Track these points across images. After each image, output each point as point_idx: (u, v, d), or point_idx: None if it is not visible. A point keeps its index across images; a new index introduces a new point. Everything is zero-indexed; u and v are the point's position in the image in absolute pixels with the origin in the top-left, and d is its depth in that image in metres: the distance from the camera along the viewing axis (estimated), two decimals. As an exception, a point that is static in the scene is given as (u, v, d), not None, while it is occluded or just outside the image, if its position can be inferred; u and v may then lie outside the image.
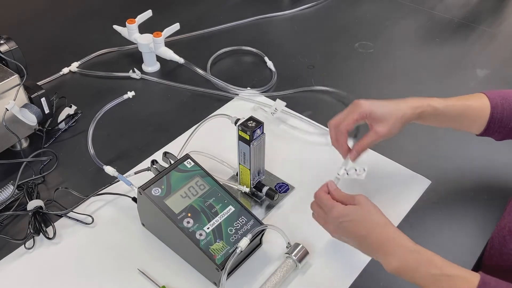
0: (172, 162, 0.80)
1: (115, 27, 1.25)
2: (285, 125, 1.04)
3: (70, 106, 1.05)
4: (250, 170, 0.83)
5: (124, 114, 1.07)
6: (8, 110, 0.89)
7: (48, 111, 0.98)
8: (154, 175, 0.78)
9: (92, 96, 1.13)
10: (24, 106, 0.93)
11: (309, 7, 1.49)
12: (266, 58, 1.23)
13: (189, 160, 0.80)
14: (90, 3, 1.51)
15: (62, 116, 1.02)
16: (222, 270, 0.69)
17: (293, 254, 0.75)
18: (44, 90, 0.96)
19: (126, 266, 0.77)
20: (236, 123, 0.79)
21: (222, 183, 0.79)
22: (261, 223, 0.76)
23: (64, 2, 1.52)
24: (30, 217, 0.81)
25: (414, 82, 1.20)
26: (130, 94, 0.91)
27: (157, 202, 0.74)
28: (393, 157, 0.97)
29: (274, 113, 1.04)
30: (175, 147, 0.96)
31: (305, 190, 0.90)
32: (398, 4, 1.52)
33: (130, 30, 1.19)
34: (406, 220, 0.85)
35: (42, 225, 0.81)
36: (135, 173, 0.89)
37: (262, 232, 0.77)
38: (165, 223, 0.73)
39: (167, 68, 1.23)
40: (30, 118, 0.93)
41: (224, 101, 1.12)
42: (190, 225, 0.72)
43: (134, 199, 0.83)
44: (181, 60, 1.17)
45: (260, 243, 0.80)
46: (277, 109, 1.05)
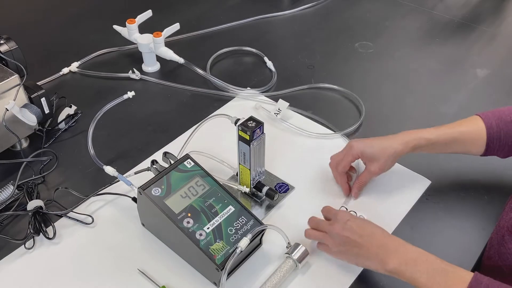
0: (172, 162, 0.80)
1: (115, 27, 1.25)
2: (285, 125, 1.04)
3: (70, 106, 1.05)
4: (250, 170, 0.83)
5: (124, 114, 1.07)
6: (8, 110, 0.89)
7: (48, 111, 0.98)
8: (154, 175, 0.78)
9: (92, 96, 1.13)
10: (24, 106, 0.93)
11: (309, 7, 1.49)
12: (266, 58, 1.23)
13: (189, 160, 0.80)
14: (90, 3, 1.51)
15: (62, 116, 1.02)
16: (222, 270, 0.69)
17: (293, 254, 0.75)
18: (44, 90, 0.96)
19: (126, 266, 0.77)
20: (236, 123, 0.79)
21: (222, 183, 0.79)
22: (261, 223, 0.76)
23: (64, 2, 1.52)
24: (30, 217, 0.81)
25: (414, 82, 1.20)
26: (130, 94, 0.91)
27: (157, 202, 0.74)
28: (393, 157, 0.97)
29: (278, 113, 1.04)
30: (175, 147, 0.96)
31: (305, 190, 0.90)
32: (398, 4, 1.52)
33: (130, 30, 1.19)
34: (406, 220, 0.85)
35: (42, 225, 0.81)
36: (135, 173, 0.89)
37: (262, 232, 0.77)
38: (165, 223, 0.73)
39: (167, 68, 1.23)
40: (30, 118, 0.93)
41: (224, 101, 1.12)
42: (190, 225, 0.72)
43: (134, 199, 0.83)
44: (181, 60, 1.17)
45: (260, 243, 0.80)
46: (280, 109, 1.05)
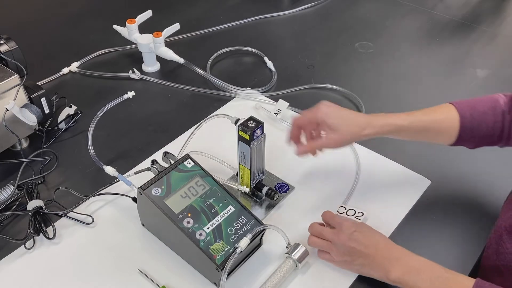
0: (172, 162, 0.80)
1: (115, 27, 1.25)
2: (285, 125, 1.04)
3: (70, 106, 1.05)
4: (250, 170, 0.83)
5: (124, 114, 1.07)
6: (8, 110, 0.89)
7: (48, 111, 0.98)
8: (154, 175, 0.78)
9: (92, 96, 1.13)
10: (24, 106, 0.93)
11: (309, 7, 1.49)
12: (266, 58, 1.23)
13: (189, 160, 0.80)
14: (90, 3, 1.51)
15: (62, 116, 1.02)
16: (222, 270, 0.69)
17: (293, 254, 0.75)
18: (44, 90, 0.96)
19: (126, 266, 0.77)
20: (236, 123, 0.79)
21: (222, 183, 0.79)
22: (261, 223, 0.76)
23: (64, 2, 1.52)
24: (30, 217, 0.81)
25: (414, 82, 1.20)
26: (130, 94, 0.91)
27: (157, 202, 0.74)
28: (393, 157, 0.97)
29: (278, 113, 1.04)
30: (175, 147, 0.96)
31: (305, 190, 0.90)
32: (398, 4, 1.52)
33: (130, 30, 1.19)
34: (406, 220, 0.85)
35: (42, 225, 0.81)
36: (135, 173, 0.89)
37: (262, 232, 0.77)
38: (165, 223, 0.73)
39: (167, 68, 1.23)
40: (30, 118, 0.93)
41: (224, 101, 1.12)
42: (190, 225, 0.72)
43: (134, 199, 0.83)
44: (181, 60, 1.17)
45: (260, 243, 0.80)
46: (280, 109, 1.05)
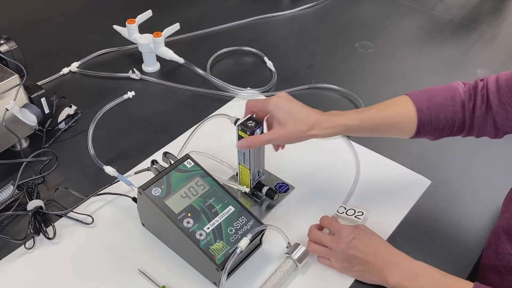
0: (172, 162, 0.80)
1: (115, 27, 1.25)
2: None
3: (70, 106, 1.05)
4: (250, 170, 0.83)
5: (124, 114, 1.07)
6: (8, 110, 0.89)
7: (48, 111, 0.98)
8: (154, 175, 0.78)
9: (92, 96, 1.13)
10: (24, 106, 0.93)
11: (309, 7, 1.49)
12: (266, 58, 1.23)
13: (189, 160, 0.80)
14: (90, 3, 1.51)
15: (62, 116, 1.02)
16: (222, 270, 0.69)
17: (293, 254, 0.75)
18: (44, 90, 0.96)
19: (126, 266, 0.77)
20: (235, 123, 0.79)
21: (222, 183, 0.79)
22: (261, 223, 0.76)
23: (64, 2, 1.52)
24: (30, 217, 0.81)
25: (414, 82, 1.20)
26: (130, 94, 0.91)
27: (157, 202, 0.74)
28: (393, 157, 0.97)
29: None
30: (175, 147, 0.96)
31: (305, 190, 0.90)
32: (398, 4, 1.52)
33: (130, 30, 1.19)
34: (406, 220, 0.85)
35: (42, 225, 0.81)
36: (135, 173, 0.88)
37: (262, 232, 0.77)
38: (165, 223, 0.73)
39: (167, 68, 1.23)
40: (30, 118, 0.93)
41: (224, 101, 1.12)
42: (190, 225, 0.72)
43: (134, 199, 0.83)
44: (181, 60, 1.17)
45: (260, 243, 0.80)
46: None
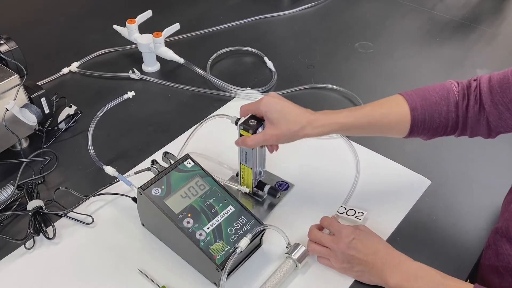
0: (172, 162, 0.80)
1: (115, 27, 1.25)
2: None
3: (70, 106, 1.05)
4: (252, 169, 0.83)
5: (124, 114, 1.07)
6: (8, 110, 0.89)
7: (48, 111, 0.98)
8: (154, 175, 0.78)
9: (92, 96, 1.13)
10: (24, 106, 0.93)
11: (309, 7, 1.49)
12: (266, 58, 1.23)
13: (189, 160, 0.80)
14: (90, 3, 1.51)
15: (62, 116, 1.02)
16: (222, 270, 0.69)
17: (293, 254, 0.75)
18: (44, 90, 0.96)
19: (126, 266, 0.77)
20: (236, 123, 0.79)
21: (222, 184, 0.79)
22: (261, 223, 0.76)
23: (64, 2, 1.52)
24: (30, 217, 0.81)
25: (414, 82, 1.19)
26: (130, 94, 0.91)
27: (157, 202, 0.74)
28: (393, 157, 0.97)
29: None
30: (175, 147, 0.96)
31: (305, 191, 0.90)
32: (398, 4, 1.52)
33: (130, 30, 1.19)
34: (406, 220, 0.85)
35: (42, 225, 0.81)
36: (135, 173, 0.89)
37: (262, 232, 0.77)
38: (165, 223, 0.73)
39: (167, 68, 1.23)
40: (30, 118, 0.93)
41: (224, 101, 1.12)
42: (190, 225, 0.72)
43: (134, 199, 0.83)
44: (181, 60, 1.17)
45: (260, 243, 0.80)
46: None
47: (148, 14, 1.22)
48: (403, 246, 0.76)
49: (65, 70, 1.20)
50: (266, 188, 0.86)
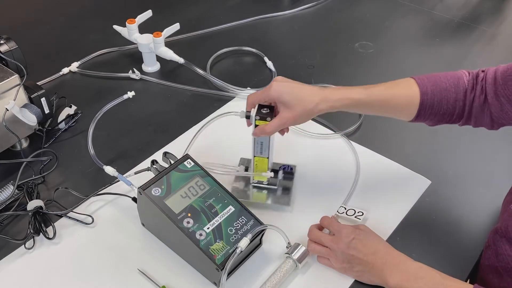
0: (172, 162, 0.80)
1: (115, 27, 1.25)
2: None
3: (70, 106, 1.05)
4: (268, 158, 0.83)
5: (124, 114, 1.07)
6: (8, 110, 0.89)
7: (48, 111, 0.98)
8: (154, 175, 0.78)
9: (92, 96, 1.13)
10: (24, 106, 0.93)
11: (309, 7, 1.49)
12: (266, 58, 1.23)
13: (189, 160, 0.80)
14: (90, 3, 1.51)
15: (62, 116, 1.02)
16: (222, 270, 0.69)
17: (293, 254, 0.75)
18: (44, 90, 0.96)
19: (126, 266, 0.77)
20: (248, 117, 0.79)
21: (235, 176, 0.79)
22: (261, 223, 0.76)
23: (64, 2, 1.52)
24: (30, 217, 0.81)
25: (414, 82, 1.20)
26: (130, 94, 0.91)
27: (157, 202, 0.74)
28: (393, 157, 0.97)
29: None
30: (175, 147, 0.96)
31: (305, 190, 0.90)
32: (398, 4, 1.53)
33: (130, 30, 1.19)
34: (406, 220, 0.85)
35: (42, 225, 0.81)
36: (135, 173, 0.88)
37: (262, 232, 0.77)
38: (165, 223, 0.73)
39: (167, 68, 1.23)
40: (30, 118, 0.93)
41: (224, 101, 1.12)
42: (190, 225, 0.72)
43: (134, 199, 0.83)
44: (181, 60, 1.17)
45: (260, 243, 0.80)
46: None
47: (148, 14, 1.22)
48: (403, 246, 0.76)
49: (65, 70, 1.20)
50: (280, 173, 0.87)
